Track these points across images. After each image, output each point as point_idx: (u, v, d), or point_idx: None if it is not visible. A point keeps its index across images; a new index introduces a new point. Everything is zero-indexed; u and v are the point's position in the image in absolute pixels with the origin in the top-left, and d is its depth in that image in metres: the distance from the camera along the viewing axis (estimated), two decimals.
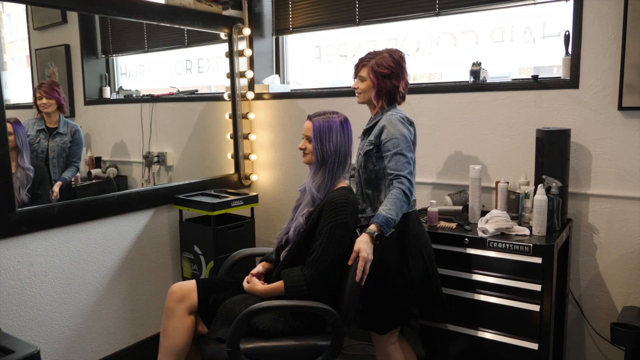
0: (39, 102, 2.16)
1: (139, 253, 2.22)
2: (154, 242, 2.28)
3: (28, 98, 2.25)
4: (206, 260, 2.21)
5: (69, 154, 2.25)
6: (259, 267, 1.66)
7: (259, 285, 1.57)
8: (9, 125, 1.96)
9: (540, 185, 1.70)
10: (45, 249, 1.86)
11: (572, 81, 1.86)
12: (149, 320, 2.29)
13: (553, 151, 1.76)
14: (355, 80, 1.69)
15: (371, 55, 1.67)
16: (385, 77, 1.64)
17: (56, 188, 2.16)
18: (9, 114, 1.74)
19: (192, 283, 1.58)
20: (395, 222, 1.52)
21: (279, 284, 1.52)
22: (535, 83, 1.93)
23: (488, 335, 1.71)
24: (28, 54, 2.24)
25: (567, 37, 1.87)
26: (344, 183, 1.61)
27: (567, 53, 1.88)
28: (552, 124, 1.91)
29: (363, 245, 1.46)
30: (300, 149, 1.60)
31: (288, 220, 1.67)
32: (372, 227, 1.49)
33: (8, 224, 1.72)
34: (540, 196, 1.68)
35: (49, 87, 2.22)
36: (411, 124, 1.67)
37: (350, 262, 1.48)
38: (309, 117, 1.60)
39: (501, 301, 1.67)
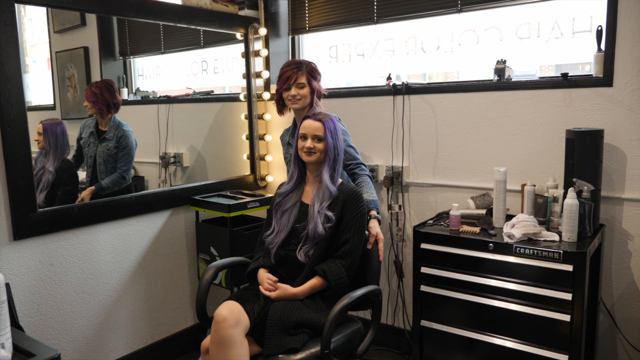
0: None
1: (156, 254, 2.22)
2: (171, 243, 2.28)
3: (49, 99, 2.27)
4: None
5: (116, 160, 2.14)
6: (268, 274, 1.61)
7: (291, 288, 1.55)
8: (39, 125, 1.97)
9: (570, 189, 1.61)
10: (65, 249, 1.88)
11: (605, 79, 1.77)
12: (166, 321, 2.29)
13: (585, 153, 1.67)
14: (292, 88, 1.84)
15: (298, 63, 1.87)
16: (318, 81, 1.90)
17: (86, 193, 2.09)
18: (31, 115, 1.76)
19: (236, 304, 1.47)
20: None
21: (316, 281, 1.55)
22: (565, 81, 1.83)
23: (511, 344, 1.64)
24: (49, 56, 2.26)
25: (599, 32, 1.77)
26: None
27: (599, 49, 1.78)
28: (583, 124, 1.82)
29: (378, 229, 1.69)
30: (309, 148, 1.60)
31: (278, 224, 1.64)
32: (374, 212, 1.72)
33: (30, 224, 1.74)
34: (571, 200, 1.59)
35: (89, 89, 2.15)
36: (340, 120, 1.87)
37: (369, 246, 1.66)
38: (311, 118, 1.63)
39: (528, 310, 1.60)
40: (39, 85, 2.28)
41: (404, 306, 2.31)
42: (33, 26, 2.27)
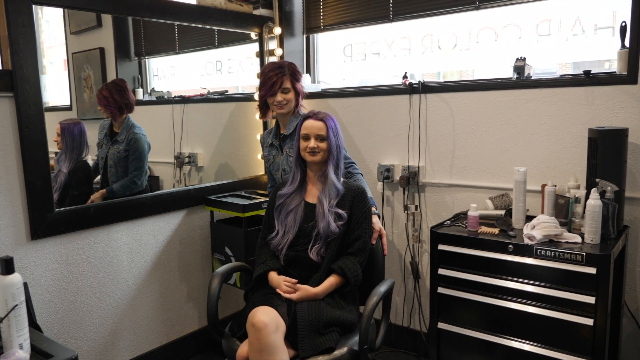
0: None
1: (171, 254, 2.22)
2: (186, 243, 2.28)
3: (66, 100, 2.29)
4: (237, 261, 2.19)
5: (126, 164, 2.07)
6: (284, 276, 1.60)
7: (311, 288, 1.55)
8: (58, 126, 1.97)
9: (593, 189, 1.57)
10: (81, 248, 1.89)
11: (629, 76, 1.72)
12: (180, 321, 2.29)
13: (608, 152, 1.63)
14: (278, 94, 1.85)
15: (280, 66, 1.87)
16: (300, 82, 1.91)
17: (96, 196, 2.07)
18: (49, 116, 1.77)
19: (272, 309, 1.45)
20: None
21: (334, 280, 1.56)
22: (587, 79, 1.79)
23: (531, 348, 1.61)
24: (65, 57, 2.28)
25: (623, 28, 1.72)
26: None
27: (623, 46, 1.73)
28: (606, 123, 1.77)
29: (380, 224, 1.72)
30: (312, 148, 1.60)
31: (283, 225, 1.63)
32: (374, 209, 1.72)
33: (47, 224, 1.75)
34: (594, 201, 1.55)
35: (100, 93, 2.11)
36: None
37: (374, 242, 1.68)
38: (313, 118, 1.63)
39: (549, 313, 1.57)
40: (55, 86, 2.30)
41: (420, 308, 2.28)
42: (50, 28, 2.29)
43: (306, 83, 2.55)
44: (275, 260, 1.64)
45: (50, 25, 2.30)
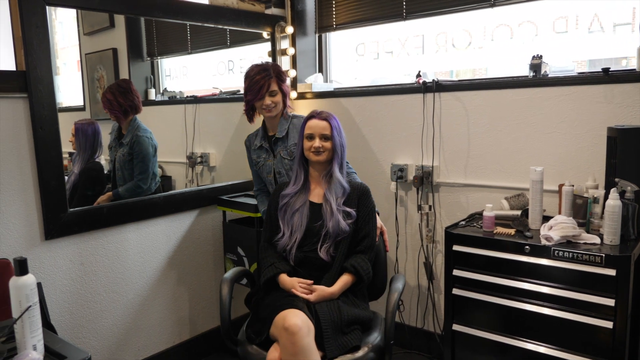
0: None
1: (184, 254, 2.23)
2: (198, 243, 2.29)
3: (79, 100, 2.31)
4: (249, 262, 2.18)
5: (132, 167, 2.04)
6: (298, 278, 1.59)
7: (327, 288, 1.55)
8: (73, 126, 1.98)
9: (613, 189, 1.54)
10: (95, 248, 1.90)
11: None
12: (193, 321, 2.29)
13: (628, 151, 1.59)
14: (266, 97, 1.82)
15: (265, 69, 1.83)
16: (286, 82, 1.90)
17: (103, 198, 2.06)
18: (62, 116, 1.78)
19: (299, 311, 1.41)
20: None
21: (348, 278, 1.57)
22: (606, 76, 1.75)
23: (549, 351, 1.58)
24: (79, 58, 2.30)
25: None
26: None
27: None
28: (626, 122, 1.73)
29: (380, 222, 1.74)
30: (317, 147, 1.60)
31: (289, 225, 1.62)
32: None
33: (61, 224, 1.76)
34: (614, 201, 1.52)
35: (104, 96, 2.08)
36: None
37: (377, 239, 1.68)
38: (316, 117, 1.64)
39: (567, 315, 1.53)
40: (69, 87, 2.32)
41: (434, 309, 2.26)
42: (63, 29, 2.31)
43: (318, 82, 2.54)
44: (284, 262, 1.63)
45: (63, 26, 2.32)
